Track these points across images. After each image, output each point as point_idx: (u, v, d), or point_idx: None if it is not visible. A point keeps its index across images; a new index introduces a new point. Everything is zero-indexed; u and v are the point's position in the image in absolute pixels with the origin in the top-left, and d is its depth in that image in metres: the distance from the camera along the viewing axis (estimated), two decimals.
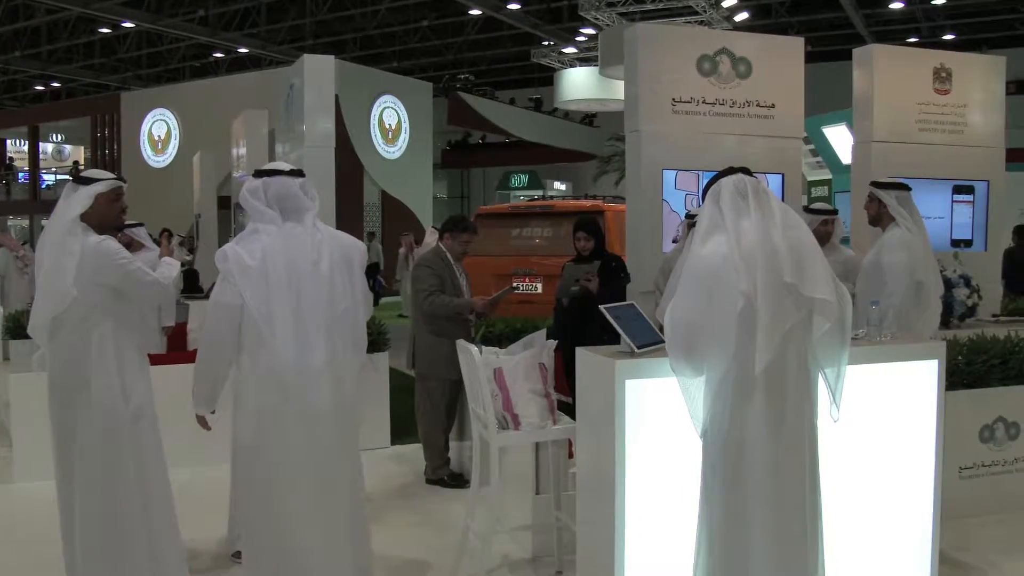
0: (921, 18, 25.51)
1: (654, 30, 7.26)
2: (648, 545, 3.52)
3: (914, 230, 5.40)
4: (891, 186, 5.61)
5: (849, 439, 3.67)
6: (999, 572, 4.60)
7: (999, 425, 5.52)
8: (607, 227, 8.41)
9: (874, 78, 7.71)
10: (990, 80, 8.22)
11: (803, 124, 7.46)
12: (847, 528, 3.81)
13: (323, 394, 3.59)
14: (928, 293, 5.37)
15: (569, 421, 4.23)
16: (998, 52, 9.48)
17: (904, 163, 7.65)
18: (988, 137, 8.16)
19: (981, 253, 8.12)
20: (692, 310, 3.20)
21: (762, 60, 7.06)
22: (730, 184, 3.34)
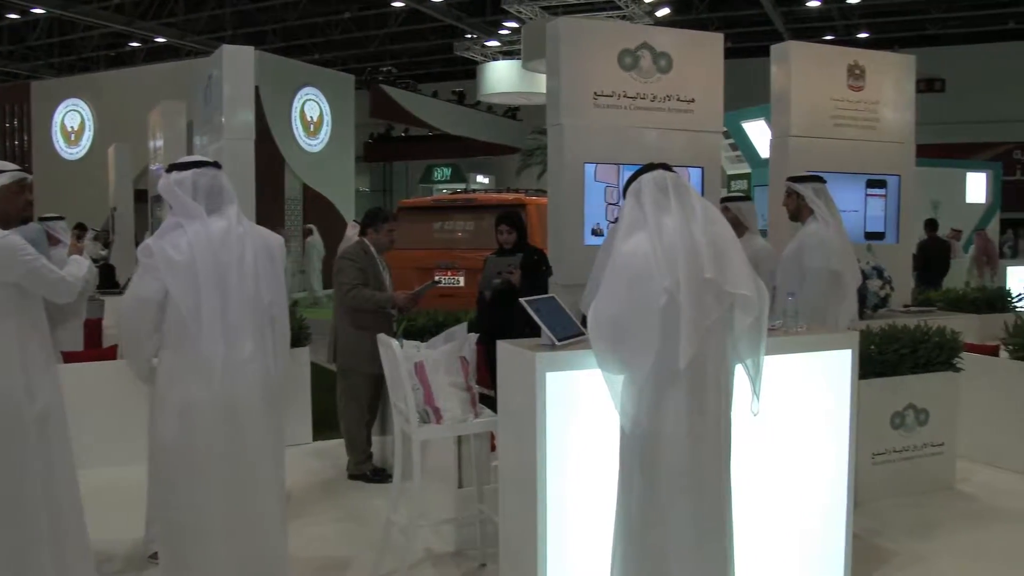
0: (837, 16, 26.10)
1: (576, 24, 7.29)
2: (570, 537, 3.54)
3: (831, 222, 5.53)
4: (807, 179, 5.74)
5: (766, 428, 3.74)
6: (910, 553, 4.74)
7: (909, 412, 5.69)
8: (529, 220, 8.43)
9: (791, 74, 7.86)
10: (901, 78, 8.45)
11: (722, 119, 7.56)
12: (764, 516, 3.88)
13: (251, 389, 3.58)
14: (845, 284, 5.49)
15: (491, 414, 4.24)
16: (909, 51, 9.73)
17: (820, 157, 7.81)
18: (899, 133, 8.38)
19: (893, 245, 8.34)
20: (615, 307, 3.22)
21: (682, 55, 7.13)
22: (650, 181, 3.37)
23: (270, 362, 3.68)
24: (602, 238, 6.58)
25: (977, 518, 5.36)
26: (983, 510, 5.51)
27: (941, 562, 4.65)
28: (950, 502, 5.62)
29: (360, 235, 6.20)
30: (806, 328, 4.20)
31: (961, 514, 5.41)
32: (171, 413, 3.53)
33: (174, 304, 3.49)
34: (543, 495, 3.46)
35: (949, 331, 5.91)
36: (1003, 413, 6.27)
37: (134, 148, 14.17)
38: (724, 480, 3.34)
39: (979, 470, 6.16)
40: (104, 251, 14.17)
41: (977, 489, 5.87)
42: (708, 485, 3.28)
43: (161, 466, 3.67)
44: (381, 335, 4.45)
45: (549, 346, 3.48)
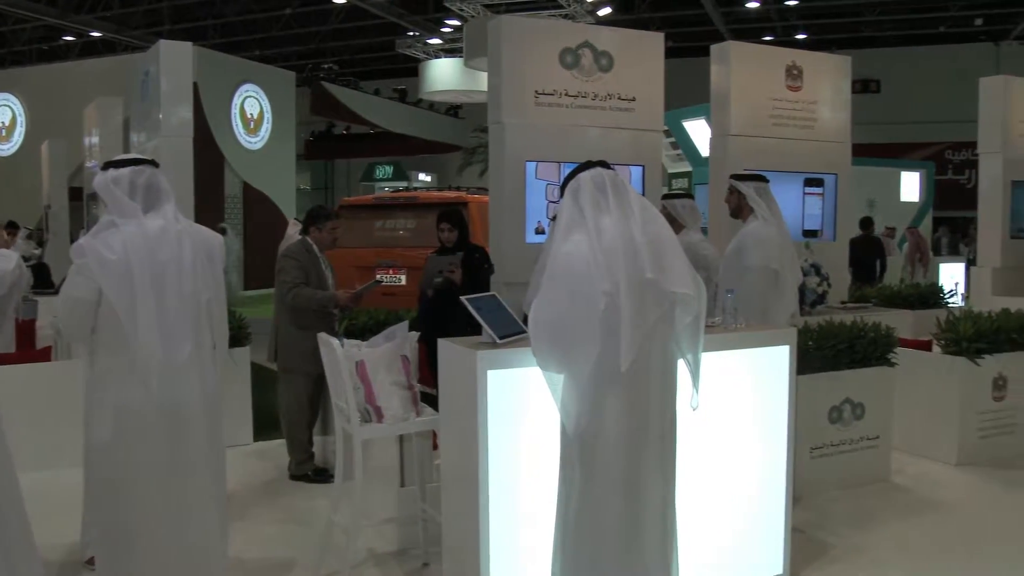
0: (776, 18, 26.46)
1: (517, 23, 7.30)
2: (513, 535, 3.55)
3: (771, 220, 5.62)
4: (750, 178, 5.83)
5: (706, 424, 3.78)
6: (847, 543, 4.82)
7: (846, 406, 5.78)
8: (471, 218, 8.43)
9: (730, 74, 7.96)
10: (838, 78, 8.60)
11: (663, 117, 7.62)
12: (704, 510, 3.93)
13: (190, 389, 3.54)
14: (784, 282, 5.59)
15: (433, 413, 4.23)
16: (845, 52, 9.91)
17: (759, 156, 7.93)
18: (836, 132, 8.53)
19: (830, 243, 8.49)
20: (555, 309, 3.23)
21: (623, 54, 7.18)
22: (588, 179, 3.38)
23: (209, 363, 3.63)
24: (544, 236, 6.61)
25: (911, 509, 5.47)
26: (917, 501, 5.62)
27: (877, 552, 4.73)
28: (886, 494, 5.73)
29: (302, 233, 6.14)
30: (745, 324, 4.26)
31: (896, 505, 5.52)
32: (107, 416, 3.47)
33: (108, 304, 3.43)
34: (485, 493, 3.46)
35: (884, 327, 6.03)
36: (936, 406, 6.40)
37: (69, 145, 13.89)
38: (667, 478, 3.38)
39: (913, 462, 6.29)
40: (38, 250, 13.87)
41: (911, 481, 5.99)
42: (649, 484, 3.30)
43: (97, 469, 3.61)
44: (322, 334, 4.42)
45: (490, 344, 3.48)
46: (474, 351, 3.44)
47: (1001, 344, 6.41)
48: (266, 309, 7.30)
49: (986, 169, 10.51)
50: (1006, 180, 10.25)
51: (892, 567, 4.57)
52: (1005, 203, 10.26)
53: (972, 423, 6.37)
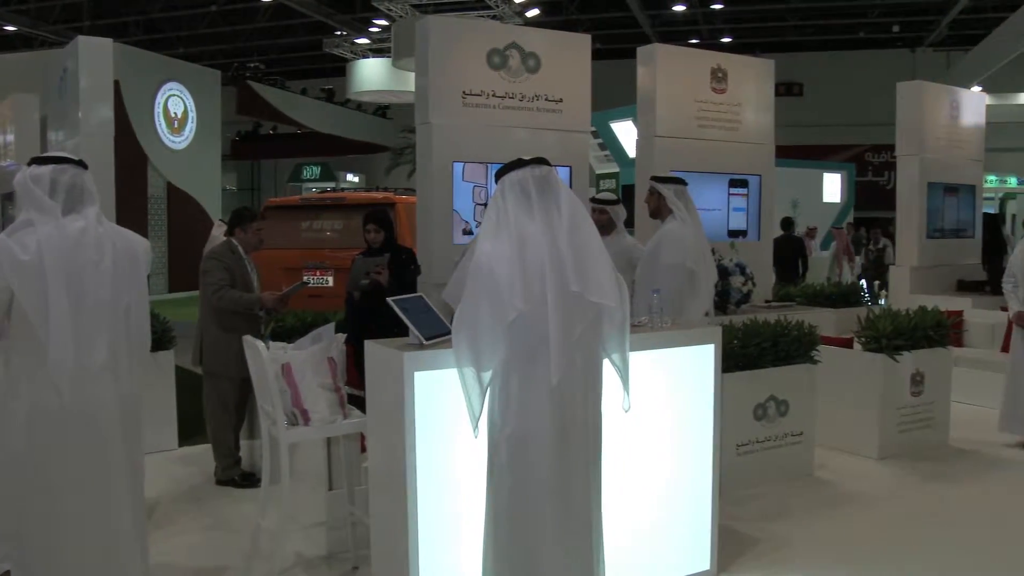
0: (702, 21, 26.83)
1: (445, 23, 7.29)
2: (442, 536, 3.54)
3: (688, 221, 5.75)
4: (669, 180, 5.94)
5: (633, 423, 3.81)
6: (773, 538, 4.90)
7: (771, 403, 5.88)
8: (398, 219, 8.40)
9: (656, 76, 8.05)
10: (761, 81, 8.75)
11: (590, 118, 7.67)
12: (633, 508, 3.96)
13: (105, 394, 3.45)
14: (699, 280, 5.72)
15: (360, 415, 4.20)
16: (769, 56, 10.10)
17: (685, 157, 8.03)
18: (760, 134, 8.68)
19: (755, 243, 8.63)
20: (474, 312, 3.24)
21: (551, 55, 7.21)
22: (520, 180, 3.37)
23: (127, 368, 3.55)
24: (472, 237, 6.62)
25: (834, 503, 5.59)
26: (840, 495, 5.74)
27: (801, 546, 4.82)
28: (810, 488, 5.84)
29: (227, 235, 6.05)
30: (671, 323, 4.31)
31: (820, 499, 5.63)
32: (19, 422, 3.37)
33: (20, 307, 3.33)
34: (413, 495, 3.45)
35: (807, 325, 6.15)
36: (857, 402, 6.55)
37: None
38: (593, 479, 3.40)
39: (836, 457, 6.42)
40: None
41: (834, 475, 6.12)
42: (575, 484, 3.33)
43: (10, 478, 3.50)
44: (247, 337, 4.35)
45: (417, 345, 3.47)
46: (400, 352, 3.42)
47: (918, 341, 6.59)
48: (191, 312, 7.18)
49: (904, 171, 10.79)
50: (923, 182, 10.52)
51: (817, 559, 4.66)
52: (922, 204, 10.54)
53: (892, 418, 6.54)
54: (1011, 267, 6.90)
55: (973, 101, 11.43)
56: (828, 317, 8.01)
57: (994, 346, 8.56)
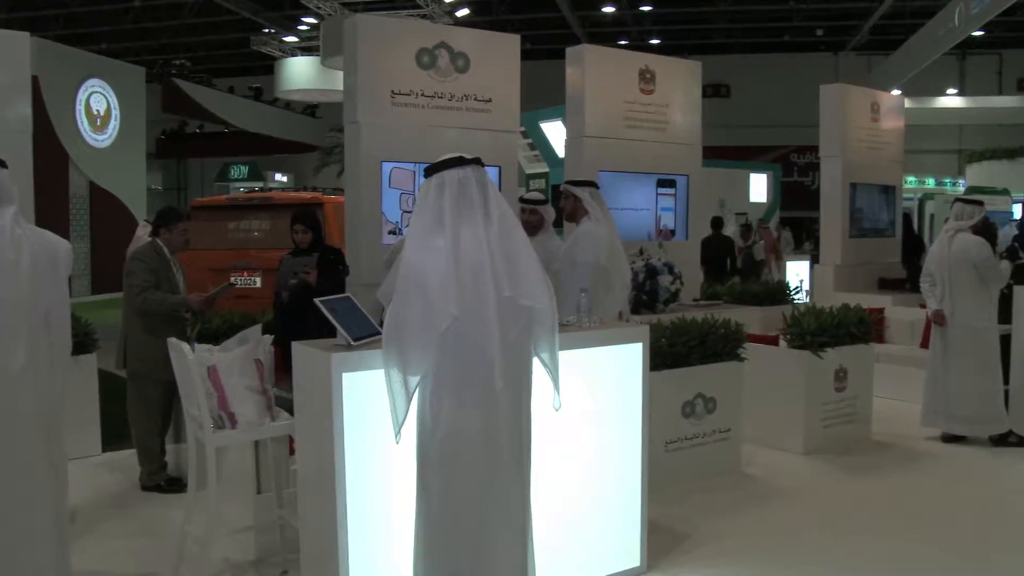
0: (631, 23, 27.10)
1: (373, 22, 7.24)
2: (373, 539, 3.51)
3: (603, 222, 5.86)
4: (583, 183, 6.08)
5: (562, 422, 3.83)
6: (701, 533, 4.97)
7: (699, 401, 5.96)
8: (326, 219, 8.33)
9: (585, 76, 8.09)
10: (689, 83, 8.86)
11: (519, 118, 7.69)
12: (563, 507, 3.98)
13: (24, 400, 3.37)
14: (612, 279, 5.82)
15: (289, 417, 4.16)
16: (697, 58, 10.24)
17: (613, 157, 8.10)
18: (687, 135, 8.78)
19: (683, 242, 8.73)
20: (405, 315, 3.22)
21: (480, 55, 7.21)
22: (457, 180, 3.35)
23: (47, 372, 3.47)
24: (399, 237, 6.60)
25: (761, 498, 5.69)
26: (766, 490, 5.84)
27: (730, 541, 4.90)
28: (737, 484, 5.93)
29: (152, 235, 5.94)
30: (599, 322, 4.34)
31: (747, 495, 5.72)
32: None
33: None
34: (342, 498, 3.42)
35: (734, 323, 6.24)
36: (783, 399, 6.67)
37: None
38: (523, 480, 3.41)
39: (762, 453, 6.52)
40: None
41: (761, 471, 6.22)
42: (506, 485, 3.34)
43: None
44: (172, 339, 4.28)
45: (345, 346, 3.44)
46: (328, 353, 3.39)
47: (842, 338, 6.74)
48: (114, 314, 7.03)
49: (827, 172, 11.02)
50: (845, 182, 10.76)
51: (744, 554, 4.74)
52: (844, 204, 10.77)
53: (816, 413, 6.67)
54: (927, 266, 7.09)
55: (893, 104, 11.73)
56: (755, 315, 8.13)
57: (914, 342, 8.79)
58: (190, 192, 34.10)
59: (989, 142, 24.31)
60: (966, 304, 6.82)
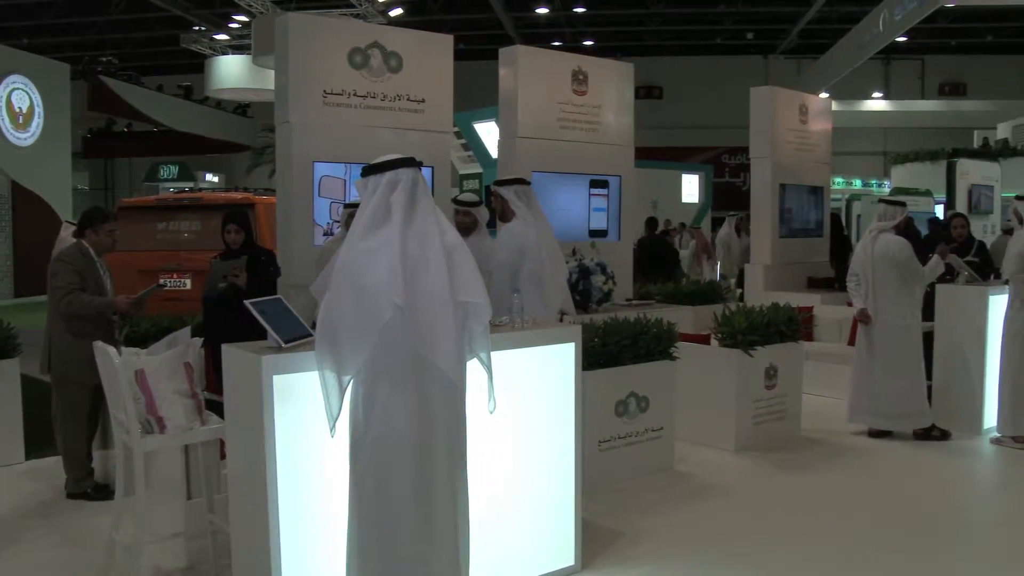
0: (564, 24, 27.24)
1: (306, 21, 7.18)
2: (305, 543, 3.48)
3: (531, 222, 5.76)
4: (510, 182, 5.96)
5: (496, 422, 3.83)
6: (635, 531, 5.02)
7: (632, 400, 6.01)
8: (258, 220, 8.24)
9: (518, 77, 8.11)
10: (621, 84, 8.94)
11: (452, 119, 7.69)
12: (497, 507, 3.98)
13: None
14: (543, 280, 5.70)
15: (219, 421, 4.10)
16: (630, 59, 10.33)
17: (546, 158, 8.14)
18: (620, 136, 8.86)
19: (616, 243, 8.80)
20: (342, 309, 3.20)
21: (413, 55, 7.19)
22: (403, 178, 3.36)
23: None
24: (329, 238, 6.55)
25: (694, 495, 5.76)
26: (699, 487, 5.91)
27: (663, 538, 4.94)
28: (670, 482, 5.99)
29: (76, 236, 5.80)
30: (532, 322, 4.35)
31: (680, 492, 5.79)
32: None
33: None
34: (274, 502, 3.38)
35: (666, 323, 6.31)
36: (714, 397, 6.76)
37: None
38: (458, 482, 3.41)
39: (695, 450, 6.60)
40: None
41: (693, 468, 6.29)
42: (440, 486, 3.33)
43: None
44: (98, 343, 4.19)
45: (275, 348, 3.40)
46: (258, 356, 3.35)
47: (772, 336, 6.85)
48: (38, 318, 6.86)
49: (757, 173, 11.19)
50: (775, 183, 10.93)
51: (677, 550, 4.79)
52: (774, 205, 10.95)
53: (747, 411, 6.77)
54: (853, 266, 7.24)
55: (821, 106, 11.95)
56: (687, 314, 8.24)
57: (842, 340, 8.97)
58: (118, 192, 33.41)
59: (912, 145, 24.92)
60: (889, 303, 6.98)
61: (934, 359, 7.42)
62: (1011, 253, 6.87)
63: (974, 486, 6.43)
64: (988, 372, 7.18)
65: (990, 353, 7.17)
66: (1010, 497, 6.08)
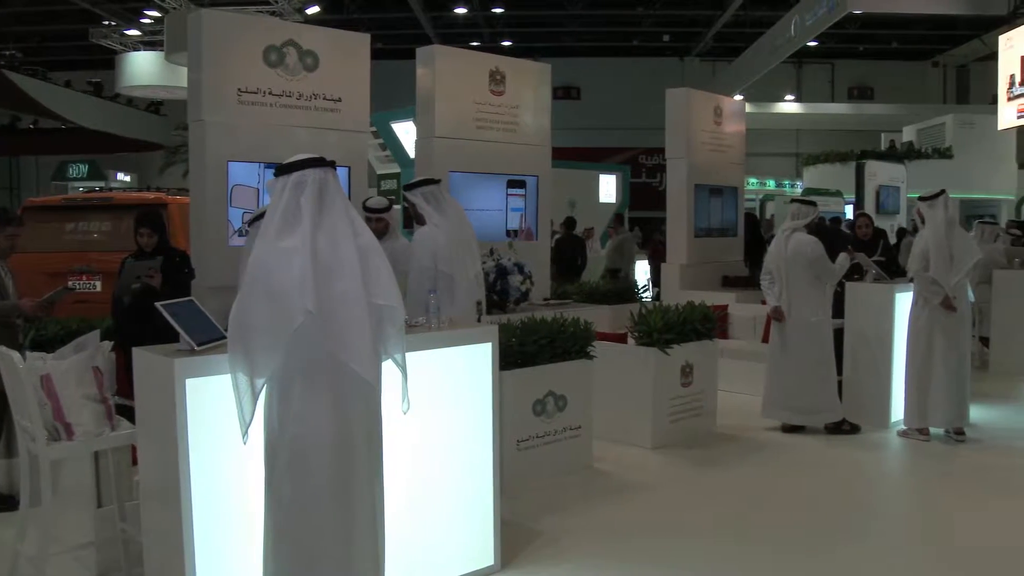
0: (483, 24, 27.27)
1: (220, 17, 7.05)
2: (220, 550, 3.42)
3: (441, 224, 5.67)
4: (418, 184, 5.89)
5: (414, 423, 3.82)
6: (554, 530, 5.05)
7: (549, 399, 6.04)
8: (171, 221, 8.06)
9: (436, 77, 8.09)
10: (539, 84, 8.97)
11: (369, 118, 7.63)
12: (415, 508, 3.97)
13: None
14: (455, 283, 5.64)
15: (130, 426, 4.01)
16: (548, 60, 10.37)
17: (463, 158, 8.13)
18: (537, 136, 8.90)
19: (534, 243, 8.84)
20: (253, 312, 3.16)
21: (329, 54, 7.11)
22: (315, 178, 3.32)
23: None
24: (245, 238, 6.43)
25: (613, 492, 5.81)
26: (617, 485, 5.98)
27: (581, 535, 4.98)
28: (589, 480, 6.04)
29: None
30: (448, 323, 4.35)
31: (598, 490, 5.84)
32: None
33: None
34: (188, 508, 3.32)
35: (583, 322, 6.35)
36: (631, 395, 6.84)
37: None
38: (376, 483, 3.39)
39: (613, 448, 6.67)
40: None
41: (611, 466, 6.35)
42: (357, 488, 3.31)
43: None
44: (1, 347, 4.06)
45: (188, 351, 3.34)
46: (171, 359, 3.29)
47: (687, 334, 6.96)
48: None
49: (673, 173, 11.34)
50: (690, 184, 11.09)
51: (596, 547, 4.83)
52: (690, 205, 11.10)
53: (664, 408, 6.86)
54: (767, 264, 7.39)
55: (735, 108, 12.16)
56: (604, 313, 8.31)
57: (756, 337, 9.15)
58: (24, 192, 32.36)
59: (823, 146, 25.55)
60: (801, 300, 7.15)
61: (844, 355, 7.63)
62: (915, 252, 7.09)
63: (882, 478, 6.62)
64: (895, 367, 7.40)
65: (897, 349, 7.39)
66: (916, 488, 6.29)
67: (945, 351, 6.98)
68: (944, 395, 6.98)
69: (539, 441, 6.00)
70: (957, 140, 22.87)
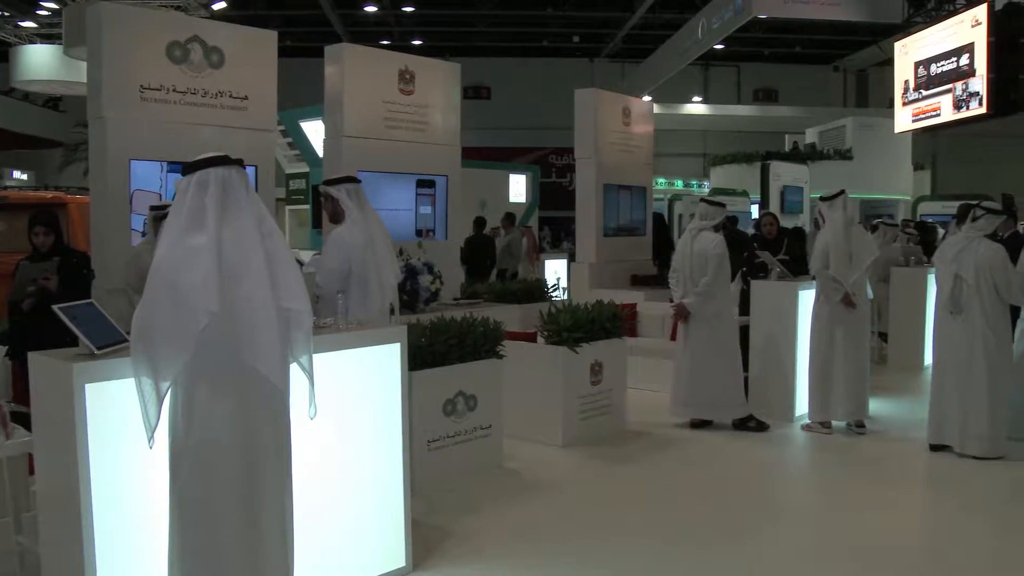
0: (393, 23, 27.13)
1: (121, 11, 6.86)
2: (122, 560, 3.33)
3: (360, 222, 5.49)
4: (340, 180, 5.68)
5: (322, 425, 3.78)
6: (466, 529, 5.06)
7: (460, 399, 6.05)
8: (70, 221, 7.85)
9: (345, 76, 8.03)
10: (449, 84, 8.98)
11: (276, 117, 7.54)
12: (325, 510, 3.94)
13: None
14: (368, 284, 5.44)
15: (27, 433, 3.88)
16: (457, 59, 10.39)
17: (373, 158, 8.09)
18: (446, 136, 8.90)
19: (443, 242, 8.83)
20: (157, 312, 3.09)
21: (235, 51, 7.01)
22: (220, 179, 3.25)
23: None
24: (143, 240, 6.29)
25: (523, 491, 5.84)
26: (528, 483, 6.01)
27: (493, 535, 5.00)
28: (500, 480, 6.07)
29: None
30: (356, 324, 4.33)
31: (509, 489, 5.86)
32: None
33: None
34: (88, 519, 3.22)
35: (493, 321, 6.37)
36: (542, 393, 6.88)
37: None
38: (285, 488, 3.35)
39: (523, 447, 6.69)
40: None
41: (522, 465, 6.38)
42: (265, 492, 3.26)
43: None
44: None
45: (87, 355, 3.25)
46: (69, 363, 3.19)
47: (596, 333, 7.03)
48: None
49: (582, 173, 11.45)
50: (599, 184, 11.22)
51: (507, 546, 4.85)
52: (599, 204, 11.23)
53: (574, 406, 6.92)
54: (674, 263, 7.51)
55: (643, 109, 12.35)
56: (514, 313, 8.34)
57: (664, 335, 9.28)
58: None
59: (730, 147, 26.11)
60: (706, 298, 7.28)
61: (750, 351, 7.80)
62: (816, 251, 7.29)
63: (786, 472, 6.77)
64: (799, 363, 7.60)
65: (801, 345, 7.59)
66: (818, 482, 6.46)
67: (846, 346, 7.19)
68: (845, 389, 7.19)
69: (450, 441, 5.99)
70: (857, 142, 23.64)
